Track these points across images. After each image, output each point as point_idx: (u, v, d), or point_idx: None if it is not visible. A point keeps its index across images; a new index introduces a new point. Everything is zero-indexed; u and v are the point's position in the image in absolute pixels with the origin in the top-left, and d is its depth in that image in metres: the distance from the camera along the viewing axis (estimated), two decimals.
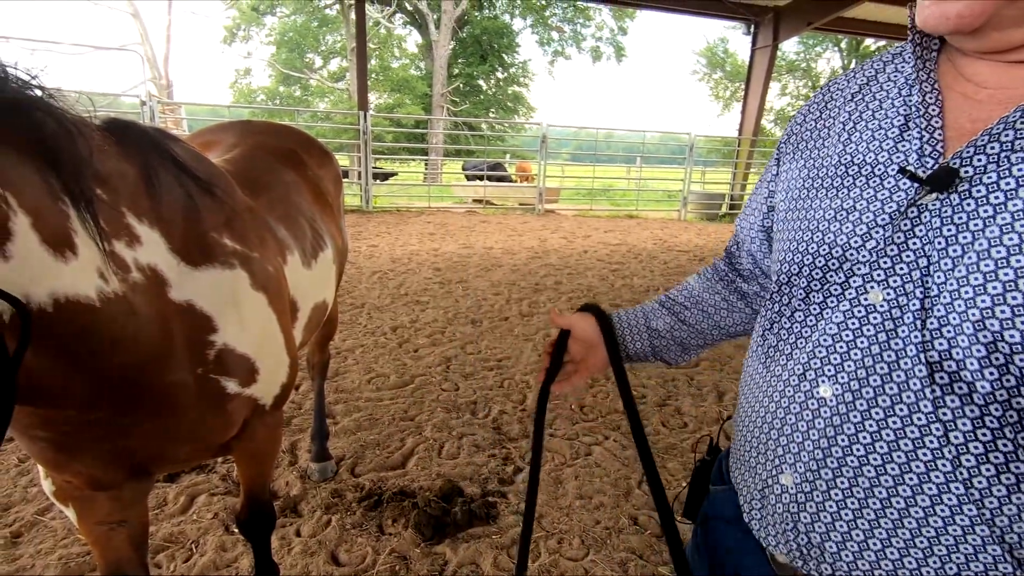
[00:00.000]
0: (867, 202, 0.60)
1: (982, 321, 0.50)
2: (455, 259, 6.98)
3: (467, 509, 2.27)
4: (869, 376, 0.58)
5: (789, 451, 0.65)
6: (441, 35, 26.09)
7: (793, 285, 0.67)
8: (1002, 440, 0.51)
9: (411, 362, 3.76)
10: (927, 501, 0.56)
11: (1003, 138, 0.51)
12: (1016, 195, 0.50)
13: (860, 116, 0.65)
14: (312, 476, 2.47)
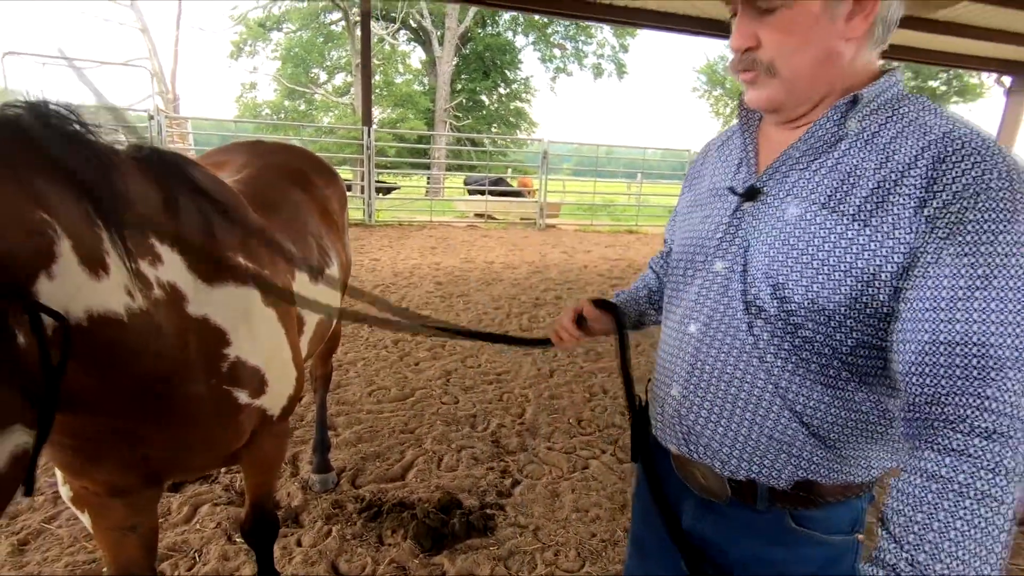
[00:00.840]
0: (717, 211, 0.93)
1: (768, 274, 0.82)
2: (456, 273, 7.05)
3: (465, 521, 2.31)
4: (714, 315, 0.89)
5: (675, 371, 0.94)
6: (445, 51, 26.44)
7: (679, 265, 1.00)
8: (786, 342, 0.81)
9: (412, 375, 3.82)
10: (747, 387, 0.85)
11: (781, 168, 0.85)
12: (783, 201, 0.83)
13: (719, 161, 1.00)
14: (313, 487, 2.51)
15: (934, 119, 0.76)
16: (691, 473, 0.94)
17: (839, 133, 0.80)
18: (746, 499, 0.88)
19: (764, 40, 0.80)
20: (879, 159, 0.76)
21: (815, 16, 0.76)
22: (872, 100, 0.79)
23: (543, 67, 32.99)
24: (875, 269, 0.73)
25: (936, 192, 0.70)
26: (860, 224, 0.74)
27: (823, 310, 0.77)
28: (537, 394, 3.61)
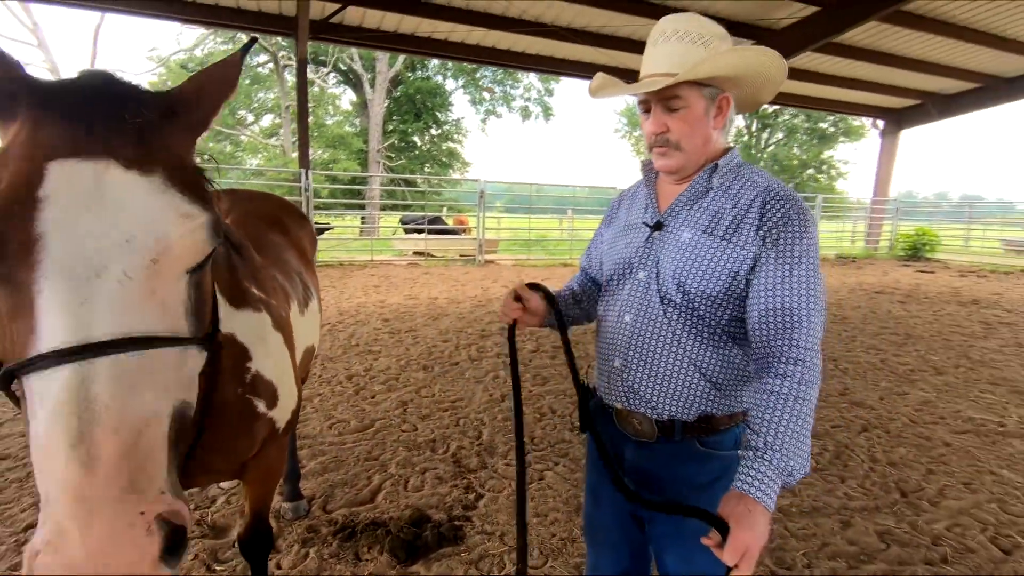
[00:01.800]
0: (635, 239, 1.35)
1: (674, 277, 1.23)
2: (402, 310, 7.20)
3: (436, 532, 2.50)
4: (641, 307, 1.29)
5: (616, 348, 1.33)
6: (376, 94, 26.80)
7: (612, 277, 1.39)
8: (688, 320, 1.23)
9: (369, 407, 3.95)
10: (665, 353, 1.25)
11: (675, 209, 1.29)
12: (679, 230, 1.26)
13: (631, 206, 1.44)
14: (286, 515, 2.61)
15: (760, 178, 1.25)
16: (629, 422, 1.33)
17: (708, 186, 1.27)
18: (668, 434, 1.28)
19: (672, 128, 1.24)
20: (733, 202, 1.23)
21: (700, 115, 1.23)
22: (725, 166, 1.27)
23: (473, 109, 34.03)
24: (737, 268, 1.19)
25: (764, 221, 1.18)
26: (726, 242, 1.21)
27: (710, 296, 1.21)
28: (491, 417, 3.84)
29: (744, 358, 1.25)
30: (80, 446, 0.60)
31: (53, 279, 0.66)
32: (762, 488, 1.05)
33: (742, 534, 1.01)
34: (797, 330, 1.12)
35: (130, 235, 0.71)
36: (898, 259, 15.44)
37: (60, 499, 0.59)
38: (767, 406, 1.09)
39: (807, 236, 1.16)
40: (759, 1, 9.35)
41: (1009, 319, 7.71)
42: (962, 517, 2.78)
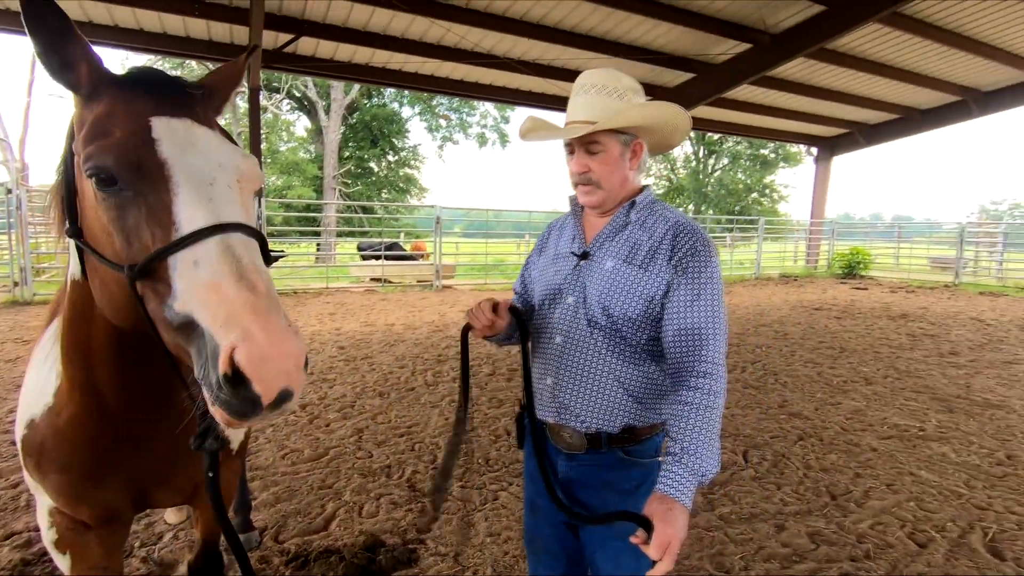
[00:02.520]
0: (564, 267, 1.49)
1: (599, 301, 1.38)
2: (358, 337, 7.17)
3: (391, 556, 2.53)
4: (570, 329, 1.43)
5: (548, 368, 1.47)
6: (331, 121, 26.75)
7: (544, 301, 1.52)
8: (612, 341, 1.37)
9: (323, 436, 3.94)
10: (592, 371, 1.39)
11: (599, 240, 1.45)
12: (603, 259, 1.42)
13: (559, 237, 1.59)
14: None
15: (671, 214, 1.43)
16: (561, 436, 1.46)
17: (627, 220, 1.44)
18: (595, 445, 1.41)
19: (593, 168, 1.40)
20: (648, 235, 1.40)
21: (617, 157, 1.40)
22: (641, 203, 1.44)
23: (430, 136, 34.31)
24: (653, 293, 1.35)
25: (675, 252, 1.36)
26: (643, 271, 1.37)
27: (631, 319, 1.37)
28: (447, 441, 3.89)
29: (661, 374, 1.40)
30: (243, 279, 0.83)
31: (184, 186, 0.91)
32: (680, 489, 1.19)
33: (665, 530, 1.14)
34: (704, 348, 1.28)
35: (222, 162, 0.97)
36: (836, 277, 16.35)
37: (240, 313, 0.79)
38: (681, 415, 1.25)
39: (711, 265, 1.34)
40: (699, 38, 9.95)
41: (933, 331, 8.30)
42: (884, 516, 3.00)
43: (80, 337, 1.17)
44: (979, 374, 5.93)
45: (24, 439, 1.32)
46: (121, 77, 0.99)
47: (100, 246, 0.94)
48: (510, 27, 9.17)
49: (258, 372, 0.76)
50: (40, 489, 1.35)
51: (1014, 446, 3.96)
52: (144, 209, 0.90)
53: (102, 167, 0.89)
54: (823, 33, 8.92)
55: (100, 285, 1.00)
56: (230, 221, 0.90)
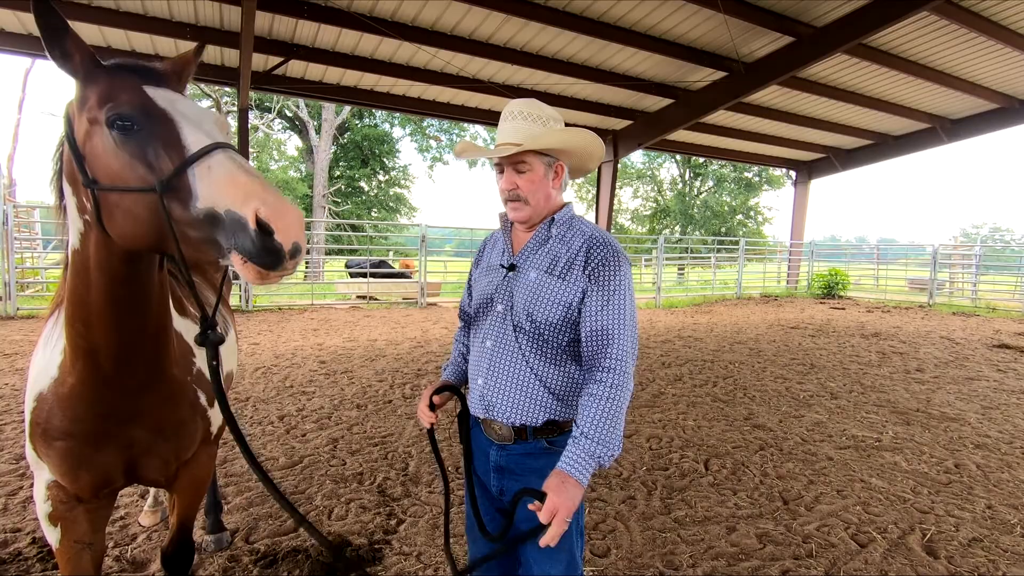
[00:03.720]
0: (495, 278, 1.64)
1: (525, 308, 1.54)
2: (340, 352, 7.27)
3: (356, 555, 2.64)
4: (499, 335, 1.58)
5: (480, 368, 1.62)
6: (322, 140, 27.01)
7: (479, 309, 1.67)
8: (535, 344, 1.54)
9: (299, 445, 4.04)
10: (517, 372, 1.54)
11: (524, 253, 1.61)
12: (527, 270, 1.58)
13: (492, 250, 1.74)
14: (208, 548, 2.69)
15: (587, 228, 1.58)
16: (492, 429, 1.61)
17: (548, 234, 1.59)
18: (522, 437, 1.56)
19: (520, 185, 1.55)
20: (566, 248, 1.55)
21: (541, 176, 1.57)
22: (561, 219, 1.60)
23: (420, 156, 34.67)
24: (571, 300, 1.51)
25: (589, 262, 1.51)
26: (562, 280, 1.53)
27: (552, 324, 1.52)
28: (419, 450, 4.01)
29: (580, 373, 1.55)
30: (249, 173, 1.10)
31: (184, 122, 1.19)
32: (574, 466, 1.34)
33: (553, 499, 1.30)
34: (610, 346, 1.45)
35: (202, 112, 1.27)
36: (815, 297, 16.68)
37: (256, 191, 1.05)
38: (585, 404, 1.41)
39: (620, 273, 1.50)
40: (677, 65, 10.33)
41: (903, 349, 8.55)
42: (830, 519, 3.16)
43: (80, 303, 1.36)
44: (940, 389, 6.14)
45: (33, 411, 1.49)
46: (110, 64, 1.27)
47: (124, 181, 1.18)
48: (495, 53, 9.49)
49: (279, 223, 1.02)
50: (41, 464, 1.52)
51: (963, 456, 4.15)
52: (159, 142, 1.16)
53: (123, 115, 1.17)
54: (793, 62, 9.33)
55: (124, 214, 1.19)
56: (225, 141, 1.18)
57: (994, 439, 4.54)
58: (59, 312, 1.53)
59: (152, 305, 1.42)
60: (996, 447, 4.36)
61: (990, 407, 5.48)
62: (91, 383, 1.41)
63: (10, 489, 3.20)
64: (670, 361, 7.33)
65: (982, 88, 11.50)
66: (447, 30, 8.91)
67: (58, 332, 1.49)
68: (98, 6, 7.77)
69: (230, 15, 8.11)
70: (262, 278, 1.07)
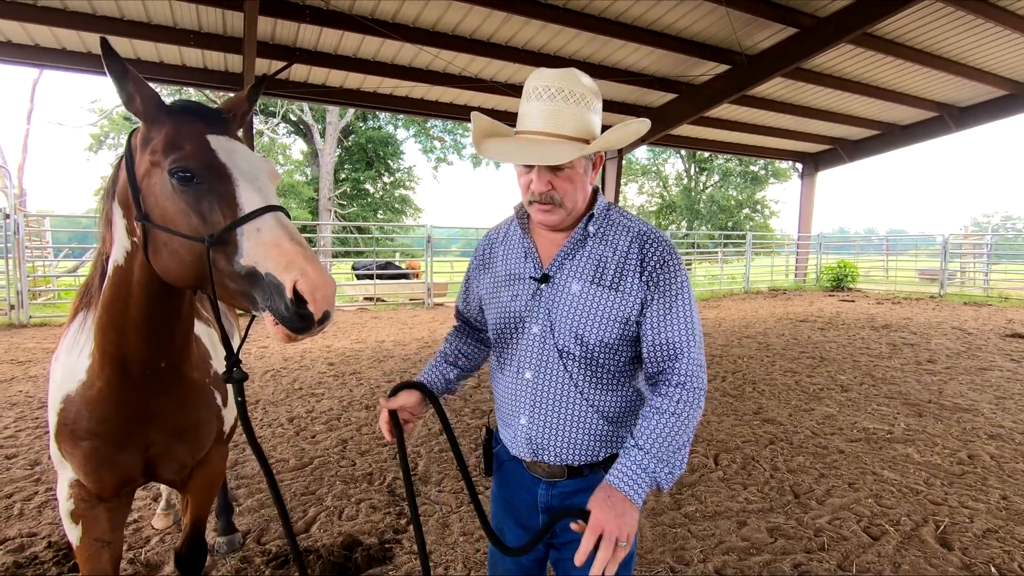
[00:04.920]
0: (522, 291, 1.38)
1: (571, 329, 1.30)
2: (348, 354, 7.31)
3: (367, 555, 2.65)
4: (540, 363, 1.34)
5: (520, 406, 1.37)
6: (327, 144, 27.14)
7: (503, 330, 1.41)
8: (588, 370, 1.31)
9: (309, 447, 4.06)
10: (570, 406, 1.32)
11: (559, 259, 1.33)
12: (567, 282, 1.31)
13: (506, 253, 1.45)
14: (219, 550, 2.71)
15: (631, 223, 1.34)
16: (540, 467, 1.38)
17: (585, 234, 1.33)
18: (579, 473, 1.35)
19: (557, 186, 1.27)
20: (612, 249, 1.31)
21: (582, 174, 1.29)
22: (598, 213, 1.34)
23: (425, 157, 34.73)
24: (628, 314, 1.28)
25: (645, 265, 1.28)
26: (614, 291, 1.29)
27: (607, 345, 1.29)
28: (428, 450, 4.02)
29: (637, 393, 1.35)
30: (294, 239, 1.16)
31: (241, 180, 1.23)
32: (625, 480, 1.16)
33: (598, 516, 1.11)
34: (679, 359, 1.25)
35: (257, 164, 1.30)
36: (824, 290, 16.57)
37: (297, 260, 1.11)
38: (646, 417, 1.23)
39: (680, 275, 1.29)
40: (679, 60, 10.29)
41: (913, 340, 8.47)
42: (842, 512, 3.14)
43: (117, 313, 1.41)
44: (952, 380, 6.08)
45: (60, 412, 1.54)
46: (172, 106, 1.33)
47: (175, 225, 1.23)
48: (497, 52, 9.49)
49: (313, 296, 1.08)
50: (65, 464, 1.57)
51: (976, 447, 4.11)
52: (215, 196, 1.21)
53: (185, 167, 1.21)
54: (796, 54, 9.26)
55: (170, 254, 1.26)
56: (276, 204, 1.24)
57: (1008, 429, 4.49)
58: (83, 317, 1.58)
59: (183, 320, 1.49)
60: (1010, 437, 4.31)
61: (1003, 397, 5.42)
62: (119, 387, 1.46)
63: (26, 494, 3.25)
64: None
65: (990, 75, 11.36)
66: (448, 30, 8.92)
67: (85, 337, 1.54)
68: (103, 15, 7.84)
69: (233, 21, 8.15)
70: (290, 339, 1.15)
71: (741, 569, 2.60)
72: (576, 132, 1.24)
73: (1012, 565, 2.63)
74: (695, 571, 2.58)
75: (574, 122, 1.24)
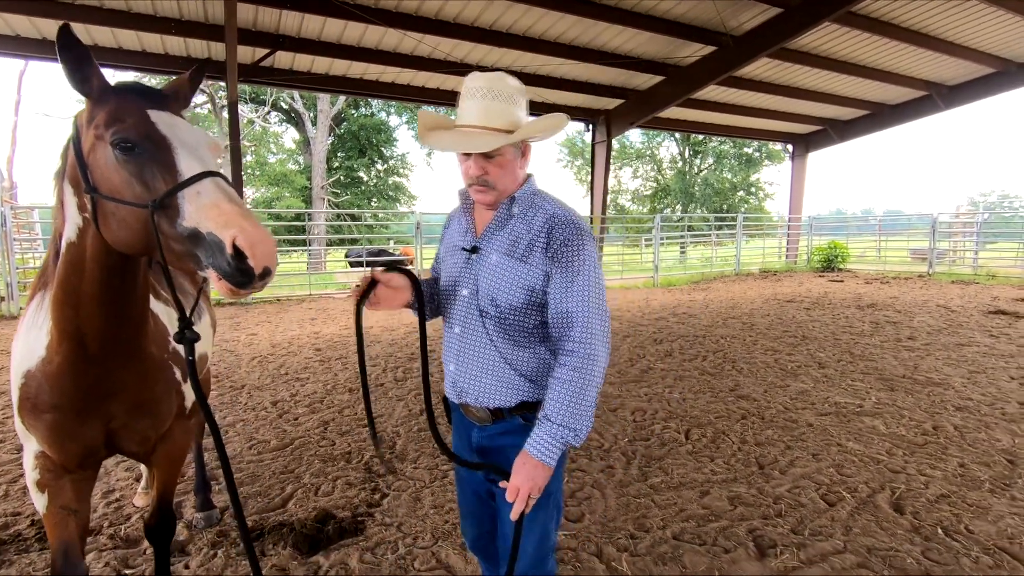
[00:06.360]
0: (459, 260, 1.61)
1: (488, 293, 1.52)
2: (335, 339, 7.39)
3: (339, 527, 2.75)
4: (464, 319, 1.57)
5: (450, 354, 1.61)
6: (319, 131, 26.96)
7: (446, 290, 1.64)
8: (501, 328, 1.52)
9: (291, 428, 4.16)
10: (486, 357, 1.53)
11: (486, 234, 1.56)
12: (489, 253, 1.54)
13: (456, 227, 1.69)
14: (198, 525, 2.81)
15: (549, 205, 1.54)
16: (470, 411, 1.62)
17: (510, 213, 1.54)
18: (498, 417, 1.57)
19: (490, 172, 1.48)
20: (528, 227, 1.51)
21: (512, 160, 1.50)
22: (522, 196, 1.54)
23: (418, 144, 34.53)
24: (533, 284, 1.49)
25: (551, 243, 1.47)
26: (523, 263, 1.49)
27: (515, 308, 1.50)
28: (408, 430, 4.12)
29: (548, 353, 1.55)
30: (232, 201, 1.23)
31: (181, 148, 1.31)
32: (538, 448, 1.41)
33: (515, 479, 1.41)
34: (573, 328, 1.44)
35: (197, 136, 1.38)
36: (814, 271, 16.66)
37: (236, 219, 1.18)
38: (550, 387, 1.44)
39: (584, 253, 1.46)
40: (665, 42, 10.26)
41: (896, 319, 8.57)
42: (803, 480, 3.24)
43: (71, 289, 1.48)
44: (929, 356, 6.19)
45: (21, 387, 1.61)
46: (118, 87, 1.41)
47: (121, 195, 1.31)
48: (481, 36, 9.47)
49: (252, 251, 1.15)
50: (29, 436, 1.65)
51: (942, 419, 4.22)
52: (156, 165, 1.29)
53: (126, 138, 1.29)
54: (782, 33, 9.26)
55: (118, 223, 1.33)
56: (215, 169, 1.30)
57: (976, 401, 4.60)
58: (41, 297, 1.64)
59: (137, 294, 1.55)
60: (977, 409, 4.42)
61: (977, 371, 5.53)
62: (76, 361, 1.53)
63: (11, 477, 3.34)
64: (662, 338, 7.40)
65: (977, 52, 11.36)
66: (431, 15, 8.89)
67: (43, 315, 1.60)
68: (82, 4, 7.80)
69: (214, 9, 8.12)
70: (233, 294, 1.21)
71: (698, 535, 2.70)
72: (504, 125, 1.46)
73: (959, 527, 2.74)
74: (653, 537, 2.68)
75: (502, 116, 1.45)
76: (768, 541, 2.64)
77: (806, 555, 2.52)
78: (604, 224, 14.53)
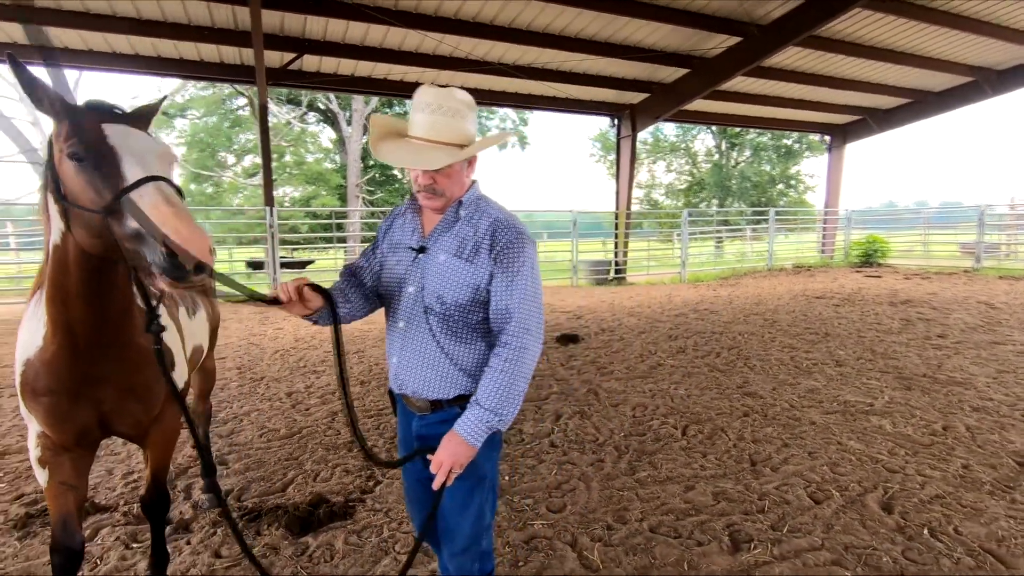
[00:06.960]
0: (405, 258, 1.72)
1: (434, 291, 1.64)
2: (356, 334, 7.63)
3: (330, 511, 2.91)
4: (409, 315, 1.68)
5: (393, 348, 1.72)
6: (353, 130, 27.59)
7: (390, 287, 1.74)
8: (445, 324, 1.65)
9: (301, 418, 4.36)
10: (428, 352, 1.66)
11: (433, 235, 1.69)
12: (437, 253, 1.67)
13: (402, 226, 1.77)
14: (203, 506, 3.01)
15: (493, 210, 1.66)
16: (410, 402, 1.73)
17: (456, 216, 1.67)
18: (437, 407, 1.68)
19: (438, 181, 1.60)
20: (473, 230, 1.63)
21: (460, 171, 1.64)
22: (468, 200, 1.67)
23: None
24: (478, 283, 1.61)
25: (494, 245, 1.60)
26: (469, 263, 1.62)
27: (461, 306, 1.62)
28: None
29: (488, 349, 1.65)
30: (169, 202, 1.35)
31: (127, 157, 1.44)
32: (465, 428, 1.55)
33: (440, 454, 1.56)
34: (510, 323, 1.58)
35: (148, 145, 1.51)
36: (851, 266, 16.08)
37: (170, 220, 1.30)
38: (485, 375, 1.58)
39: (524, 255, 1.60)
40: (689, 34, 10.10)
41: (930, 315, 8.24)
42: (793, 478, 3.22)
43: (59, 287, 1.65)
44: (958, 354, 5.96)
45: (22, 374, 1.80)
46: (80, 105, 1.55)
47: (80, 202, 1.46)
48: (500, 34, 9.54)
49: (182, 249, 1.27)
50: (32, 418, 1.83)
51: (956, 419, 4.08)
52: (104, 173, 1.42)
53: (75, 152, 1.43)
54: (809, 21, 8.99)
55: (83, 226, 1.47)
56: (157, 174, 1.42)
57: (996, 402, 4.43)
58: (40, 294, 1.82)
59: (118, 289, 1.70)
60: (996, 409, 4.26)
61: (1005, 371, 5.30)
62: (69, 350, 1.70)
63: None
64: (678, 334, 7.35)
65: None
66: (451, 15, 9.01)
67: (41, 310, 1.78)
68: (123, 16, 8.25)
69: (242, 15, 8.46)
70: (171, 287, 1.33)
71: (675, 528, 2.74)
72: (452, 139, 1.58)
73: (947, 528, 2.68)
74: (629, 528, 2.73)
75: (449, 131, 1.57)
76: (744, 536, 2.65)
77: (780, 551, 2.53)
78: (629, 219, 14.40)
